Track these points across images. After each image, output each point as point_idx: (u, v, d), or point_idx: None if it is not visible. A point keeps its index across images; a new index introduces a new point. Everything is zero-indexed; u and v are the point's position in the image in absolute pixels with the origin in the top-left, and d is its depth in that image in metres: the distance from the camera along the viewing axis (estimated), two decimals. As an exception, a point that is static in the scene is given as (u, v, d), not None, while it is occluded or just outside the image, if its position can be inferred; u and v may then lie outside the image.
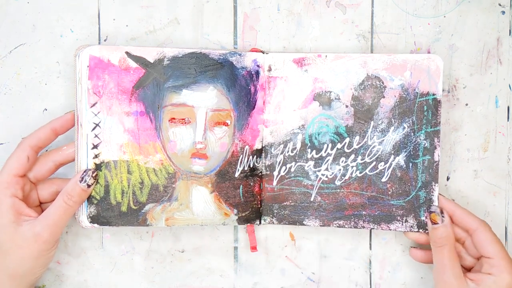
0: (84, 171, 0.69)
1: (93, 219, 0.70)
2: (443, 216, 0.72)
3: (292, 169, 0.74)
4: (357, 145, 0.74)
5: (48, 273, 0.76)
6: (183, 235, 0.77)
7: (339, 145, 0.74)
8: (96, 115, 0.70)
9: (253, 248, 0.75)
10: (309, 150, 0.74)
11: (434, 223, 0.72)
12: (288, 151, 0.74)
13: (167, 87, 0.71)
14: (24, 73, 0.75)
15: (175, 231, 0.77)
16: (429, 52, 0.76)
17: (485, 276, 0.70)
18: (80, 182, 0.69)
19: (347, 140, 0.74)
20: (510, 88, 0.77)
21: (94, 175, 0.70)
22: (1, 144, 0.75)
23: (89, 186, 0.69)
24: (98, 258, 0.76)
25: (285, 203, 0.74)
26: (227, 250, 0.77)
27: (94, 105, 0.70)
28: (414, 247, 0.76)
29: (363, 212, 0.74)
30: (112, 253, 0.77)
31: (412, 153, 0.73)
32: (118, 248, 0.77)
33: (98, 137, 0.70)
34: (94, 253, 0.76)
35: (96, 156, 0.70)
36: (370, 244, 0.78)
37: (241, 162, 0.73)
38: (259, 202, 0.74)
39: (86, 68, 0.69)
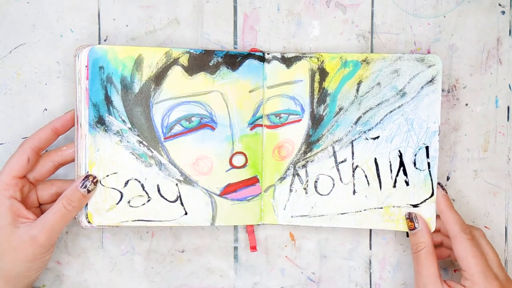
0: (85, 177, 0.69)
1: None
2: (417, 222, 0.72)
3: None
4: None
5: (48, 273, 0.76)
6: (183, 235, 0.77)
7: None
8: None
9: (253, 248, 0.75)
10: None
11: (410, 229, 0.72)
12: None
13: None
14: (24, 73, 0.75)
15: (175, 231, 0.77)
16: (429, 52, 0.76)
17: (460, 287, 0.70)
18: (81, 187, 0.69)
19: None
20: (510, 88, 0.77)
21: (94, 181, 0.70)
22: (1, 144, 0.75)
23: (89, 191, 0.69)
24: (98, 258, 0.77)
25: None
26: (227, 250, 0.77)
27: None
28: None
29: None
30: (112, 253, 0.77)
31: None
32: (118, 248, 0.77)
33: None
34: (94, 253, 0.76)
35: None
36: (370, 244, 0.78)
37: None
38: None
39: (85, 68, 0.69)
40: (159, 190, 0.73)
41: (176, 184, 0.73)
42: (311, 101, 0.74)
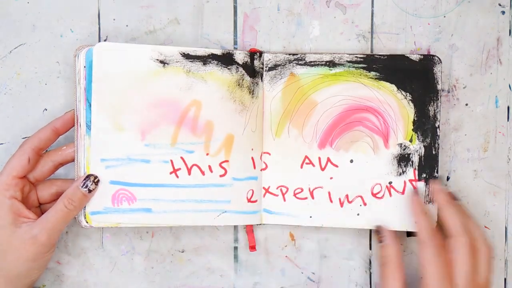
0: (86, 176, 0.69)
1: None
2: (382, 237, 0.72)
3: None
4: None
5: (48, 273, 0.76)
6: (183, 235, 0.77)
7: None
8: None
9: (252, 248, 0.75)
10: None
11: (379, 241, 0.72)
12: None
13: None
14: (24, 73, 0.75)
15: (175, 231, 0.77)
16: (429, 52, 0.76)
17: None
18: (82, 187, 0.69)
19: None
20: (510, 88, 0.77)
21: (96, 180, 0.69)
22: (1, 144, 0.75)
23: (90, 191, 0.69)
24: (98, 258, 0.77)
25: None
26: (227, 250, 0.77)
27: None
28: None
29: None
30: (112, 253, 0.77)
31: None
32: (118, 248, 0.77)
33: None
34: (94, 253, 0.76)
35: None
36: (370, 244, 0.78)
37: None
38: None
39: (83, 68, 0.70)
40: None
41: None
42: None
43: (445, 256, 0.69)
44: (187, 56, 0.71)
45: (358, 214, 0.74)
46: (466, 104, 0.77)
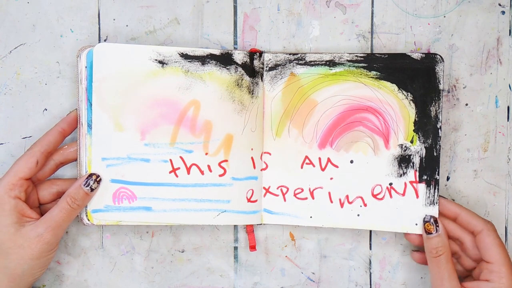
0: (89, 175, 0.70)
1: None
2: (437, 226, 0.72)
3: None
4: None
5: (48, 273, 0.76)
6: (183, 235, 0.77)
7: None
8: None
9: (252, 248, 0.75)
10: None
11: (428, 233, 0.72)
12: None
13: None
14: (24, 73, 0.75)
15: (175, 231, 0.77)
16: (429, 52, 0.76)
17: (483, 283, 0.69)
18: (84, 185, 0.69)
19: None
20: (510, 88, 0.77)
21: (98, 179, 0.70)
22: (1, 144, 0.75)
23: (92, 190, 0.70)
24: (98, 258, 0.77)
25: None
26: (227, 250, 0.77)
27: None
28: (415, 250, 0.76)
29: None
30: (112, 253, 0.77)
31: None
32: (118, 248, 0.77)
33: None
34: (94, 253, 0.76)
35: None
36: (370, 244, 0.78)
37: None
38: None
39: (85, 69, 0.70)
40: None
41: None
42: None
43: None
44: (185, 56, 0.71)
45: (358, 215, 0.74)
46: (466, 104, 0.77)
